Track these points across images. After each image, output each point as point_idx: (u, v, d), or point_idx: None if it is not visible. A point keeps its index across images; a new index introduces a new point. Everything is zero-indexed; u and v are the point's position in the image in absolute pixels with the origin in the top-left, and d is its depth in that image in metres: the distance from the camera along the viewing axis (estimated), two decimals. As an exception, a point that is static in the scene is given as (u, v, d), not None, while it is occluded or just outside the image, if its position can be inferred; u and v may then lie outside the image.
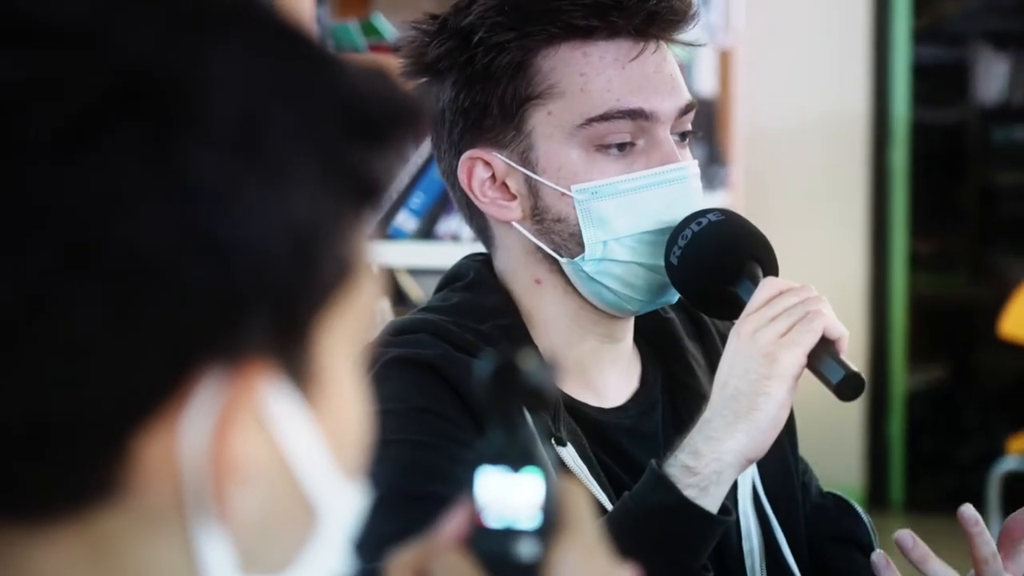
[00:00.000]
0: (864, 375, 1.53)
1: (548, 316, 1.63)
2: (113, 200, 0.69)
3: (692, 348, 1.71)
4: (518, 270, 1.64)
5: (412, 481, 1.48)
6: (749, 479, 1.64)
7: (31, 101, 0.69)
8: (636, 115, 1.57)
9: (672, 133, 1.60)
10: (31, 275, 0.68)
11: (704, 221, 1.57)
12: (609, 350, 1.65)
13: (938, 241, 6.13)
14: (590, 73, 1.57)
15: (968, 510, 1.59)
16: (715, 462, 1.47)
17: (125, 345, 0.70)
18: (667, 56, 1.60)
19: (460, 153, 1.60)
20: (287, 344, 0.74)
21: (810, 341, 1.48)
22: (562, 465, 1.53)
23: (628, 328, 1.66)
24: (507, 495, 0.88)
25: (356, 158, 0.75)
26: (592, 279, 1.59)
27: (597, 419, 1.61)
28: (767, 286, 1.52)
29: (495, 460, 0.88)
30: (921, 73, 5.42)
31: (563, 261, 1.59)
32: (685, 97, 1.61)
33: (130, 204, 0.69)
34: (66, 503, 0.72)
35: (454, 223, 2.98)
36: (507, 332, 1.59)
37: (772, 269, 1.58)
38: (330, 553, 0.80)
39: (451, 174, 1.62)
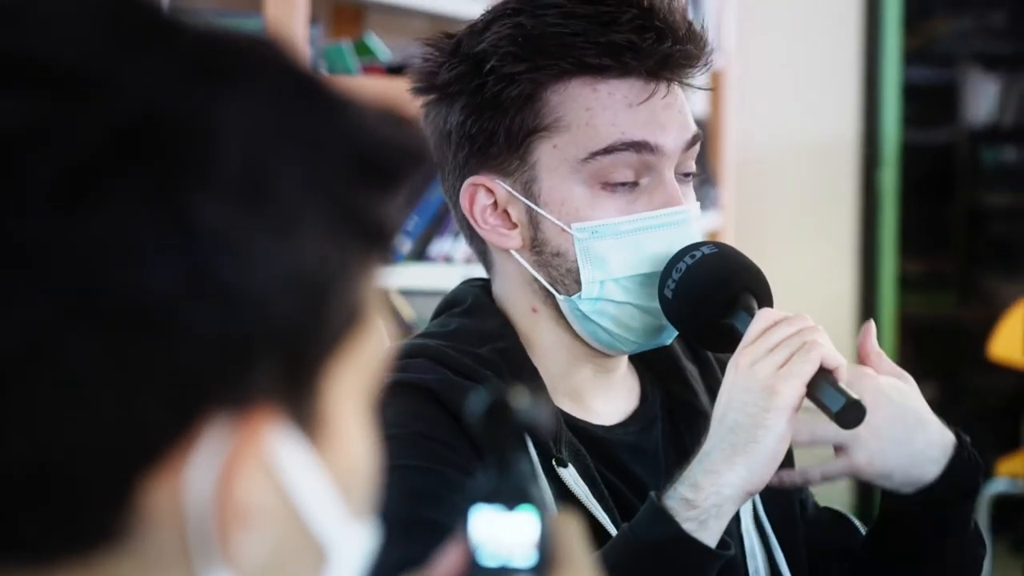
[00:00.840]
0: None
1: (545, 343, 1.63)
2: (117, 247, 0.68)
3: (691, 368, 1.71)
4: (516, 297, 1.64)
5: (411, 508, 1.47)
6: (751, 503, 1.64)
7: (33, 146, 0.69)
8: (641, 148, 1.56)
9: (678, 170, 1.60)
10: (33, 324, 0.68)
11: (698, 254, 1.57)
12: (604, 379, 1.65)
13: (927, 261, 6.14)
14: (596, 108, 1.56)
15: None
16: (714, 495, 1.47)
17: (129, 392, 0.69)
18: (676, 91, 1.60)
19: (464, 177, 1.60)
20: (294, 390, 0.74)
21: (808, 371, 1.48)
22: (563, 487, 1.53)
23: (622, 362, 1.67)
24: (501, 533, 0.87)
25: (365, 204, 0.75)
26: (587, 318, 1.59)
27: (600, 436, 1.61)
28: (762, 317, 1.52)
29: (489, 498, 0.88)
30: (911, 94, 5.43)
31: (560, 299, 1.59)
32: (690, 130, 1.60)
33: (134, 252, 0.69)
34: (70, 549, 0.72)
35: (447, 245, 2.98)
36: (505, 356, 1.59)
37: (766, 300, 1.58)
38: None
39: (454, 196, 1.62)
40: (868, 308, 5.20)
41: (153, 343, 0.69)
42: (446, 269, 2.91)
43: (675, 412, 1.68)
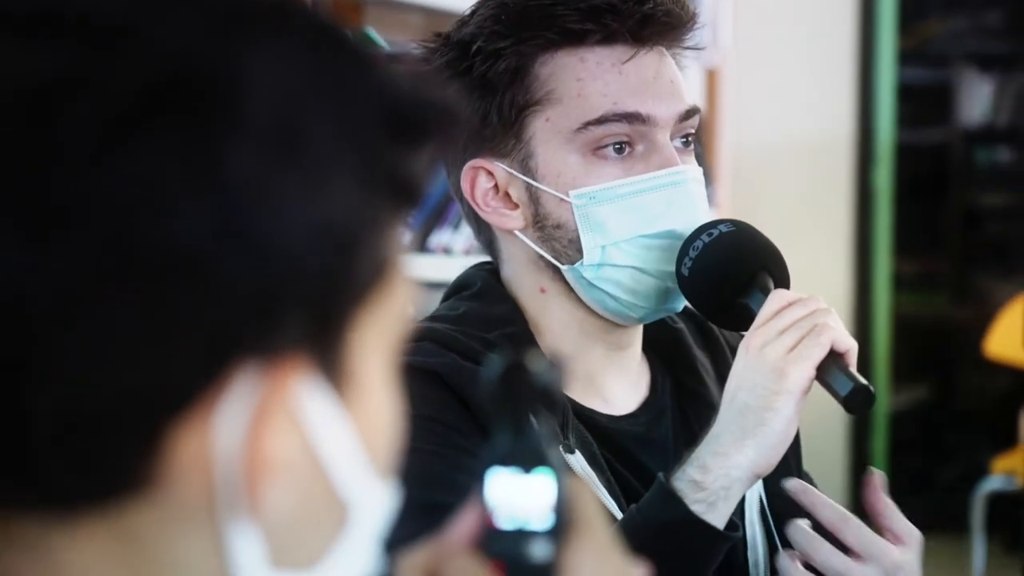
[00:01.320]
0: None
1: (554, 325, 1.62)
2: (151, 197, 0.69)
3: (701, 357, 1.70)
4: (523, 279, 1.63)
5: (419, 491, 1.47)
6: (756, 493, 1.64)
7: (67, 97, 0.69)
8: (633, 119, 1.56)
9: (673, 138, 1.60)
10: (68, 271, 0.68)
11: (715, 232, 1.56)
12: (617, 358, 1.64)
13: (922, 261, 6.14)
14: (587, 78, 1.56)
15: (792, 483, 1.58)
16: (723, 477, 1.47)
17: (161, 340, 0.70)
18: (666, 61, 1.60)
19: (463, 163, 1.60)
20: (322, 342, 0.74)
21: (819, 355, 1.48)
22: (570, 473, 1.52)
23: (636, 336, 1.66)
24: (518, 496, 0.87)
25: (394, 159, 0.75)
26: (593, 285, 1.58)
27: (607, 426, 1.61)
28: (776, 298, 1.52)
29: (505, 461, 0.88)
30: (906, 94, 5.43)
31: (564, 268, 1.59)
32: (685, 102, 1.60)
33: (167, 201, 0.69)
34: (99, 497, 0.72)
35: (446, 236, 2.98)
36: (514, 340, 1.58)
37: (783, 280, 1.58)
38: (360, 552, 0.80)
39: (457, 187, 1.62)
40: (863, 308, 5.20)
41: (185, 291, 0.69)
42: (446, 261, 2.91)
43: (685, 403, 1.67)
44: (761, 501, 1.64)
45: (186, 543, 0.74)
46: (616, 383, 1.64)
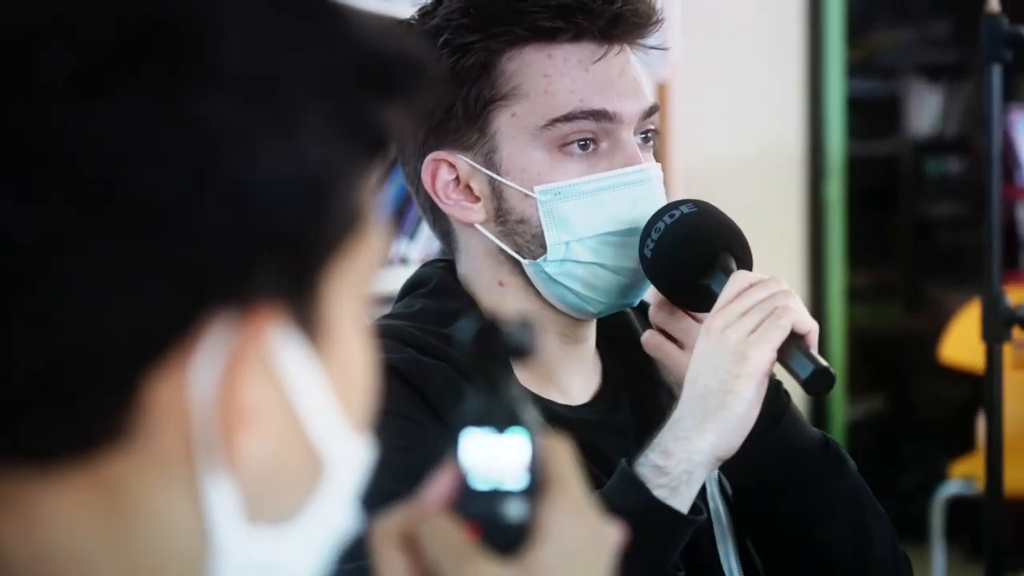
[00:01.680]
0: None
1: None
2: (127, 142, 0.69)
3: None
4: (481, 272, 1.63)
5: (383, 483, 1.46)
6: (716, 478, 1.64)
7: (44, 43, 0.70)
8: (599, 116, 1.57)
9: (635, 135, 1.60)
10: (46, 214, 0.69)
11: (677, 213, 1.57)
12: (573, 351, 1.64)
13: (874, 272, 6.16)
14: (554, 75, 1.57)
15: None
16: (685, 461, 1.47)
17: (138, 285, 0.70)
18: (630, 60, 1.61)
19: (424, 155, 1.60)
20: (296, 291, 0.75)
21: (779, 337, 1.48)
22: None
23: (591, 330, 1.66)
24: (492, 456, 0.87)
25: (369, 110, 0.76)
26: (554, 280, 1.58)
27: (565, 416, 1.61)
28: (737, 280, 1.52)
29: (479, 422, 0.87)
30: (854, 106, 5.46)
31: (525, 263, 1.59)
32: (648, 100, 1.61)
33: (144, 146, 0.70)
34: (76, 445, 0.72)
35: (403, 245, 2.97)
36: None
37: (746, 261, 1.58)
38: (336, 506, 0.80)
39: (415, 177, 1.62)
40: (817, 320, 5.20)
41: (161, 237, 0.70)
42: (402, 271, 2.90)
43: (637, 385, 1.68)
44: (720, 479, 1.65)
45: (163, 494, 0.74)
46: (572, 374, 1.65)
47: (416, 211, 3.01)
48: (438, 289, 1.65)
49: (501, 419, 0.87)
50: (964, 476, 4.33)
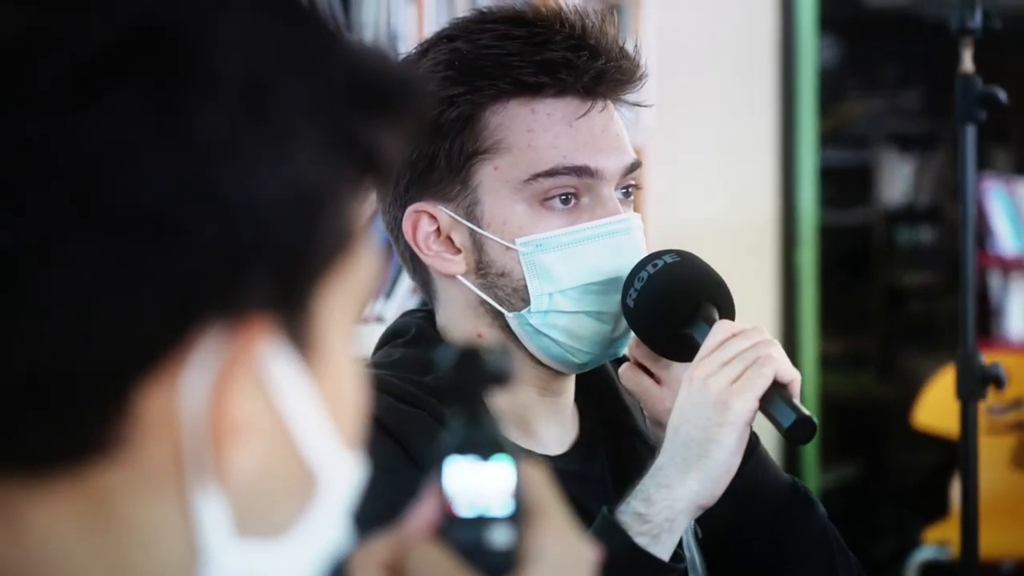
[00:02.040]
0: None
1: None
2: (117, 151, 0.69)
3: (625, 389, 1.71)
4: (460, 324, 1.63)
5: (357, 532, 1.46)
6: (691, 527, 1.64)
7: (37, 49, 0.69)
8: (581, 172, 1.58)
9: (616, 190, 1.61)
10: (35, 223, 0.68)
11: (660, 263, 1.57)
12: (551, 403, 1.65)
13: (847, 341, 6.18)
14: (537, 129, 1.57)
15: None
16: (667, 509, 1.47)
17: (127, 296, 0.70)
18: (613, 115, 1.62)
19: (406, 205, 1.60)
20: (287, 306, 0.75)
21: (761, 386, 1.49)
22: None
23: (569, 383, 1.66)
24: (477, 483, 0.87)
25: (360, 129, 0.76)
26: (538, 332, 1.59)
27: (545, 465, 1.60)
28: (719, 330, 1.53)
29: (463, 449, 0.87)
30: (827, 175, 5.49)
31: (509, 315, 1.59)
32: (630, 156, 1.62)
33: (134, 156, 0.69)
34: (65, 457, 0.72)
35: (378, 304, 2.97)
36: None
37: (728, 311, 1.58)
38: (328, 522, 0.79)
39: (395, 227, 1.62)
40: (790, 387, 5.22)
41: (152, 248, 0.70)
42: (378, 330, 2.90)
43: (615, 435, 1.68)
44: (694, 526, 1.65)
45: (153, 508, 0.74)
46: (549, 426, 1.65)
47: (393, 269, 3.01)
48: (417, 338, 1.64)
49: (484, 446, 0.87)
50: (938, 541, 4.33)
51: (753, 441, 1.60)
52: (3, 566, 0.73)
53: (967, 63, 2.37)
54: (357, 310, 0.80)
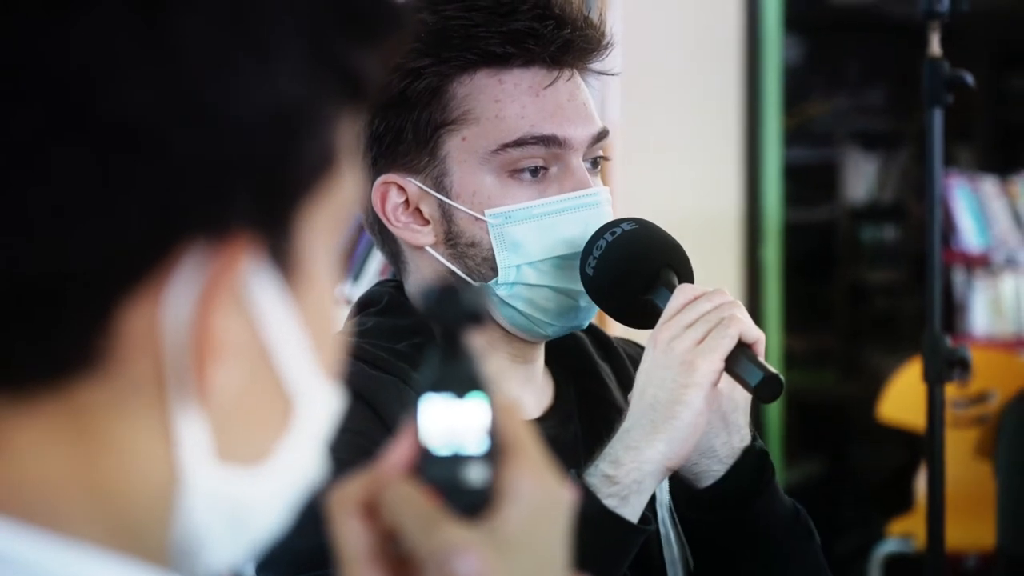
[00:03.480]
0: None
1: None
2: (101, 62, 0.69)
3: (602, 364, 1.71)
4: None
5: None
6: (665, 490, 1.64)
7: None
8: (549, 142, 1.58)
9: (584, 160, 1.61)
10: (18, 135, 0.68)
11: (618, 231, 1.58)
12: (522, 370, 1.65)
13: (810, 338, 6.20)
14: (505, 100, 1.58)
15: None
16: (635, 471, 1.47)
17: (111, 208, 0.69)
18: (580, 85, 1.62)
19: (374, 178, 1.60)
20: (270, 225, 0.74)
21: (727, 346, 1.49)
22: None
23: (539, 350, 1.66)
24: (452, 421, 0.87)
25: (344, 51, 0.76)
26: (505, 303, 1.59)
27: None
28: (682, 293, 1.53)
29: (438, 387, 0.87)
30: (791, 173, 5.51)
31: (476, 286, 1.59)
32: (597, 125, 1.62)
33: (118, 67, 0.69)
34: (48, 372, 0.72)
35: (347, 287, 2.97)
36: (422, 350, 1.58)
37: (687, 276, 1.59)
38: (305, 450, 0.79)
39: (365, 199, 1.62)
40: (754, 384, 5.22)
41: (135, 160, 0.69)
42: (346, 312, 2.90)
43: (590, 407, 1.68)
44: (670, 501, 1.65)
45: (133, 426, 0.74)
46: (521, 392, 1.65)
47: (361, 252, 3.01)
48: (389, 307, 1.65)
49: (459, 383, 0.87)
50: (902, 534, 4.35)
51: (770, 474, 1.61)
52: None
53: (935, 47, 2.38)
54: (337, 234, 0.80)
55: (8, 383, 0.72)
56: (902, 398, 4.47)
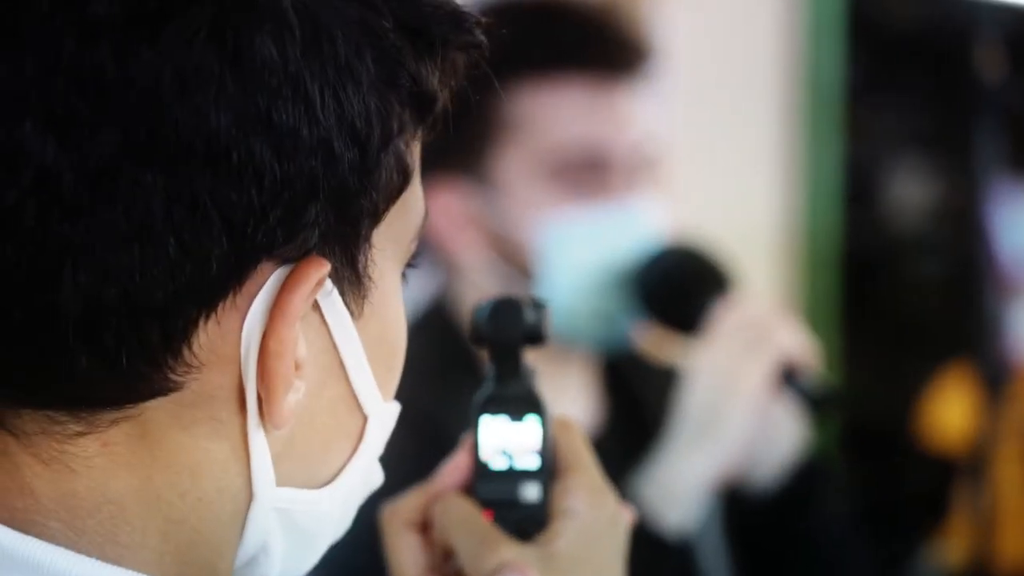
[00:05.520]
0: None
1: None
2: (181, 83, 0.69)
3: (643, 381, 1.73)
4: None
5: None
6: (710, 500, 1.65)
7: None
8: (597, 150, 1.60)
9: (630, 169, 1.63)
10: (99, 156, 0.68)
11: (668, 250, 1.60)
12: (555, 369, 1.66)
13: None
14: (555, 108, 1.60)
15: None
16: (675, 483, 1.49)
17: (190, 229, 0.69)
18: (627, 94, 1.63)
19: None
20: (344, 244, 0.74)
21: (773, 361, 1.51)
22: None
23: (575, 356, 1.68)
24: (508, 438, 0.87)
25: (414, 69, 0.76)
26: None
27: None
28: (728, 307, 1.55)
29: (495, 404, 0.88)
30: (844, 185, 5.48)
31: (540, 302, 1.61)
32: (643, 134, 1.64)
33: (197, 88, 0.69)
34: (122, 398, 0.72)
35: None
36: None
37: (732, 292, 1.61)
38: (367, 466, 0.80)
39: None
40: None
41: (213, 181, 0.69)
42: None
43: (628, 412, 1.69)
44: (717, 509, 1.66)
45: (205, 443, 0.74)
46: (559, 397, 1.66)
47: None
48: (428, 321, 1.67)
49: (517, 402, 0.88)
50: (944, 549, 4.32)
51: (823, 474, 1.62)
52: (46, 496, 0.73)
53: (989, 65, 2.37)
54: (407, 252, 0.80)
55: (79, 407, 0.72)
56: (943, 414, 4.45)
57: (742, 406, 1.51)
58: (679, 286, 1.60)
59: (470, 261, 1.64)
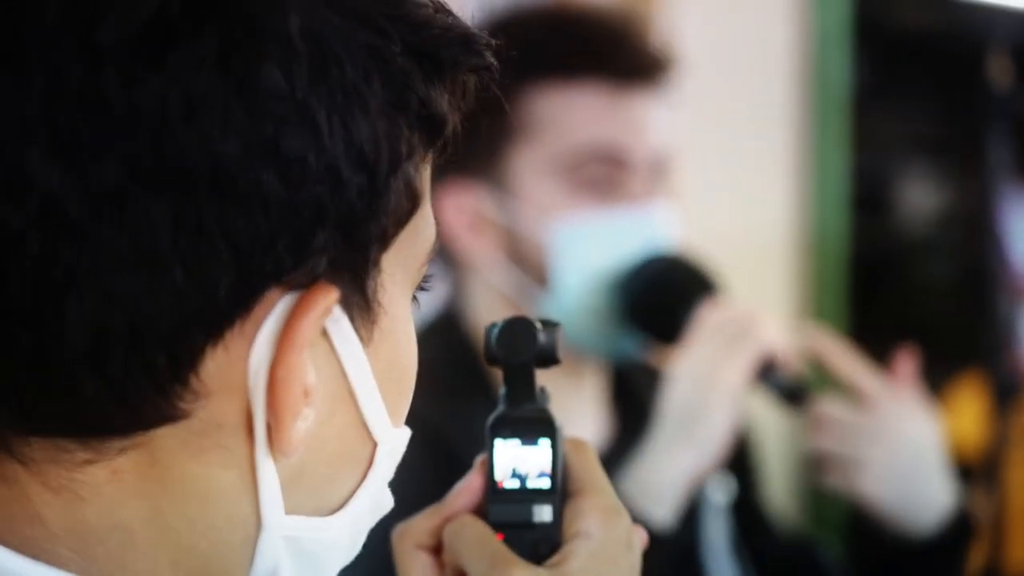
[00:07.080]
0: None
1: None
2: (187, 109, 0.68)
3: (647, 391, 1.73)
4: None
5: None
6: (719, 504, 1.66)
7: (104, 7, 0.69)
8: (614, 155, 1.60)
9: (648, 174, 1.63)
10: (104, 182, 0.67)
11: (653, 256, 1.61)
12: (568, 381, 1.66)
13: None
14: (572, 112, 1.61)
15: None
16: (661, 480, 1.50)
17: (193, 255, 0.69)
18: (646, 100, 1.64)
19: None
20: (353, 269, 0.74)
21: (752, 358, 1.52)
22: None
23: (587, 368, 1.68)
24: (521, 460, 0.87)
25: (423, 93, 0.75)
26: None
27: None
28: (709, 309, 1.56)
29: (508, 426, 0.87)
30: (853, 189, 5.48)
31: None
32: (661, 140, 1.64)
33: (203, 114, 0.68)
34: (129, 427, 0.71)
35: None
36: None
37: (715, 294, 1.62)
38: (379, 491, 0.79)
39: None
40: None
41: (220, 208, 0.69)
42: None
43: (638, 422, 1.70)
44: (724, 512, 1.66)
45: (214, 471, 0.73)
46: (565, 403, 1.66)
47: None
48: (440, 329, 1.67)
49: (529, 423, 0.87)
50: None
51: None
52: (56, 526, 0.72)
53: (1000, 71, 2.37)
54: (417, 277, 0.79)
55: (87, 435, 0.72)
56: (954, 420, 4.44)
57: (722, 403, 1.53)
58: (662, 300, 1.62)
59: (484, 262, 1.64)
